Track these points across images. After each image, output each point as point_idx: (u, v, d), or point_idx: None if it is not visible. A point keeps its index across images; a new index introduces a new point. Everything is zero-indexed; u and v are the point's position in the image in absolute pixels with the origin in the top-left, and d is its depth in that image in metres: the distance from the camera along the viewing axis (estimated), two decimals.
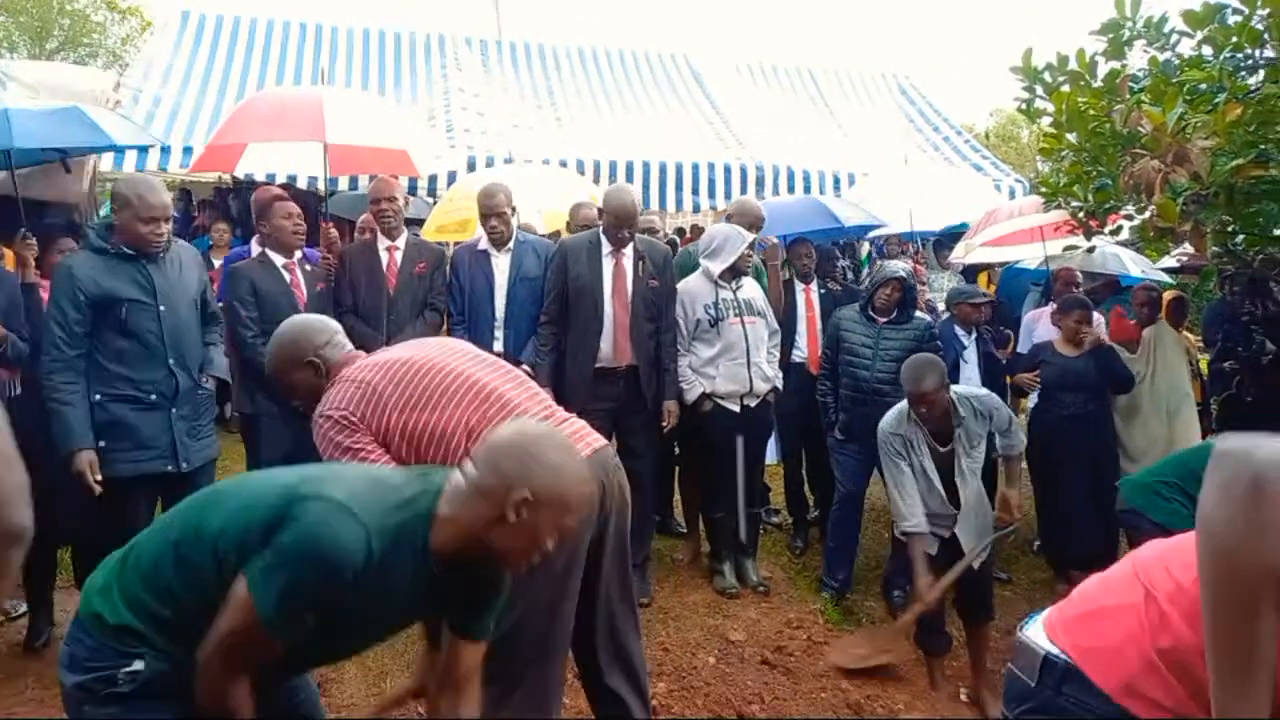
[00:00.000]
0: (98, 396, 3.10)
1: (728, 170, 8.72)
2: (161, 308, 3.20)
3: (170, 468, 3.19)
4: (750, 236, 4.28)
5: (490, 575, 1.84)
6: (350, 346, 2.44)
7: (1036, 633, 1.66)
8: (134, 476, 3.13)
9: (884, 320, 4.36)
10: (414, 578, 1.70)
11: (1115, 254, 6.00)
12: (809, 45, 42.05)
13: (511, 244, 4.44)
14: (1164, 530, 3.29)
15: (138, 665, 1.63)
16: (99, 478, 3.05)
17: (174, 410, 3.21)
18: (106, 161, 6.73)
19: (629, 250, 4.13)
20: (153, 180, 3.38)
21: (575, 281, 4.07)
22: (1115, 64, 3.46)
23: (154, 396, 3.17)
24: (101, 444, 3.08)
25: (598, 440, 2.44)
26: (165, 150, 7.24)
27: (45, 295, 3.49)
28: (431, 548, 1.70)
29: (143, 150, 6.87)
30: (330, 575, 1.56)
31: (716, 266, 4.23)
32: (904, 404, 3.59)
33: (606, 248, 4.12)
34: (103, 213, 6.17)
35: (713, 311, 4.21)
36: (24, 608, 3.72)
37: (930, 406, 3.45)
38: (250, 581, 1.57)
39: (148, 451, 3.15)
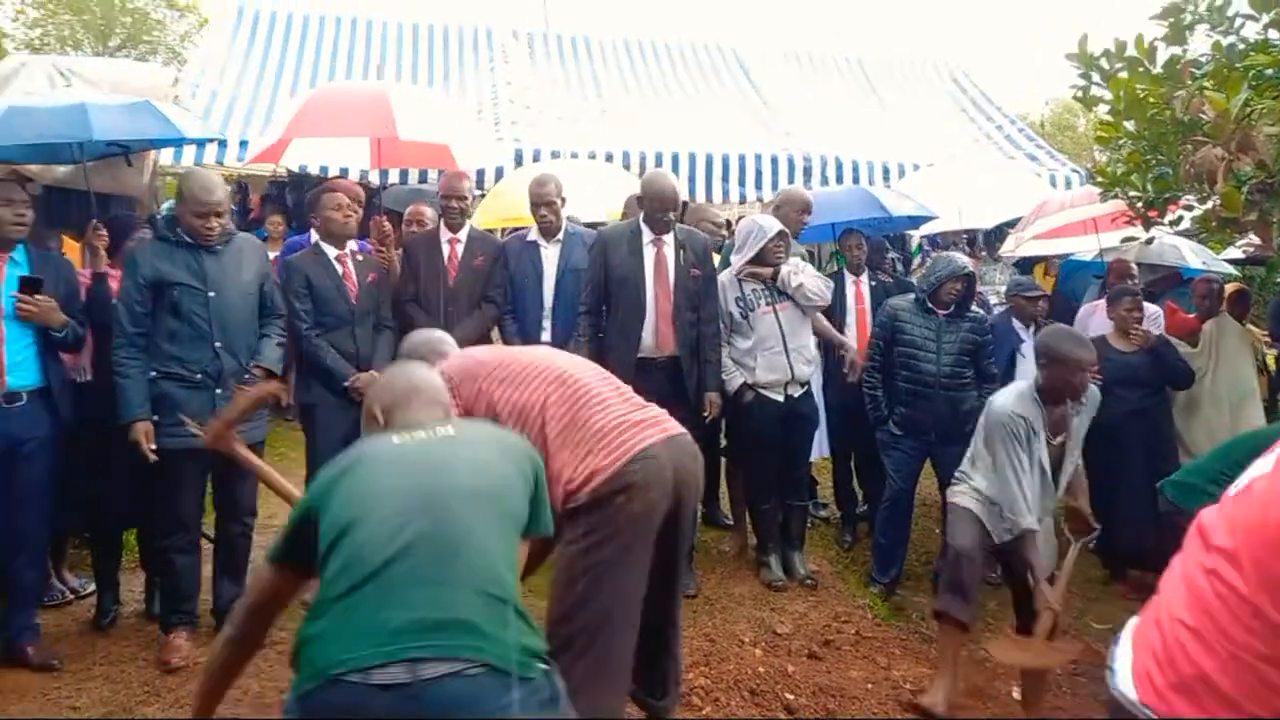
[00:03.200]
0: (153, 373, 3.32)
1: (774, 161, 8.66)
2: (211, 294, 3.38)
3: None
4: (775, 228, 4.23)
5: None
6: (456, 353, 2.80)
7: (1127, 683, 1.54)
8: (178, 450, 3.29)
9: (943, 313, 4.31)
10: None
11: (1175, 245, 5.84)
12: (858, 34, 41.49)
13: (561, 235, 4.49)
14: None
15: None
16: (154, 447, 3.26)
17: (218, 390, 3.38)
18: (166, 155, 6.90)
19: (669, 238, 4.13)
20: (210, 177, 3.53)
21: (616, 270, 4.07)
22: (1176, 49, 3.38)
23: (199, 376, 3.36)
24: (154, 417, 3.28)
25: (676, 427, 2.52)
26: (222, 144, 7.40)
27: (114, 284, 3.63)
28: None
29: (200, 144, 7.04)
30: None
31: (739, 261, 4.26)
32: (1023, 385, 3.38)
33: (648, 236, 4.12)
34: (165, 206, 6.34)
35: (742, 304, 4.23)
36: (92, 586, 3.87)
37: (1088, 380, 3.27)
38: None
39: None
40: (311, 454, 3.96)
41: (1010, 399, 3.33)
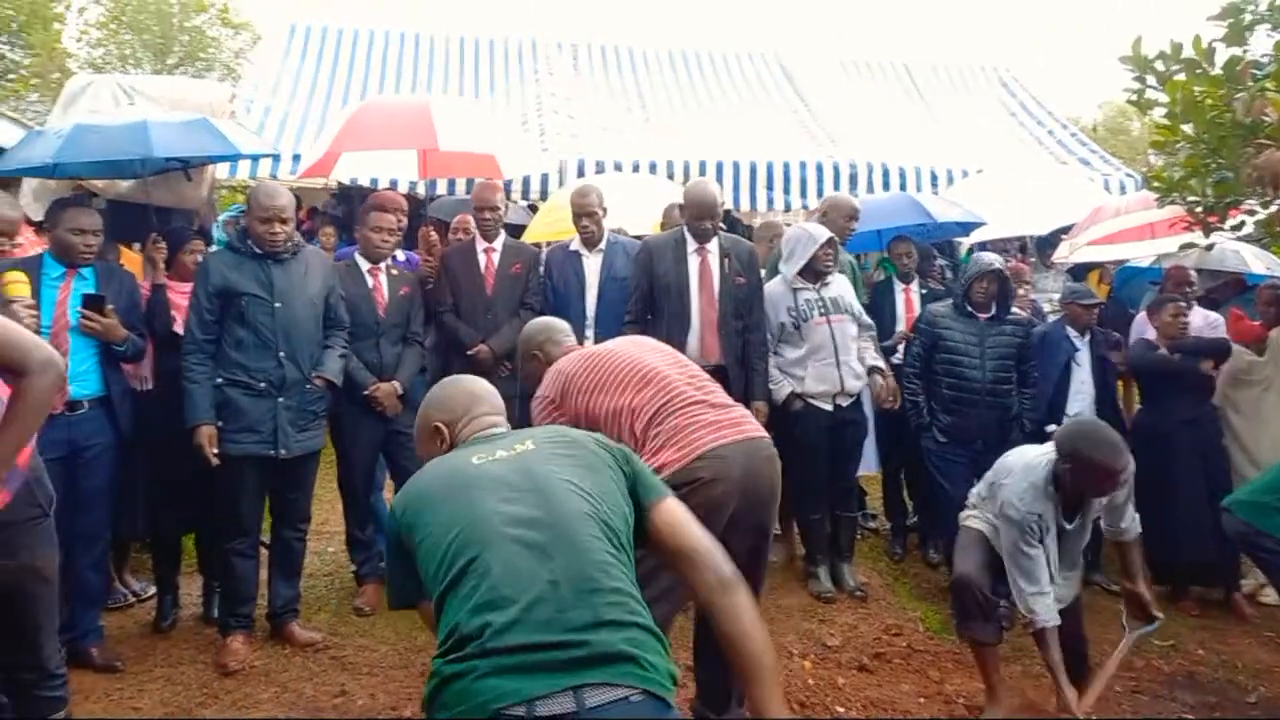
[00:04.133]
0: (219, 380, 3.41)
1: (820, 168, 8.60)
2: (277, 304, 3.46)
3: (270, 452, 3.44)
4: (824, 235, 4.21)
5: None
6: (572, 342, 2.91)
7: None
8: (239, 456, 3.39)
9: (984, 316, 4.24)
10: None
11: (1236, 250, 5.68)
12: (904, 38, 41.13)
13: (603, 244, 4.52)
14: None
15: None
16: (216, 451, 3.34)
17: (280, 399, 3.46)
18: (222, 170, 7.08)
19: (714, 247, 4.13)
20: (275, 185, 3.63)
21: (661, 279, 4.08)
22: (1236, 50, 3.30)
23: (263, 384, 3.44)
24: (219, 423, 3.37)
25: (755, 430, 2.59)
26: (275, 158, 7.56)
27: (172, 295, 3.73)
28: None
29: (254, 158, 7.19)
30: None
31: (790, 270, 4.23)
32: (1038, 477, 3.03)
33: (692, 245, 4.13)
34: (220, 218, 6.48)
35: (794, 314, 4.19)
36: (152, 590, 3.97)
37: (1118, 483, 2.93)
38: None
39: (252, 434, 3.42)
40: (342, 462, 4.08)
41: (1023, 494, 3.03)
